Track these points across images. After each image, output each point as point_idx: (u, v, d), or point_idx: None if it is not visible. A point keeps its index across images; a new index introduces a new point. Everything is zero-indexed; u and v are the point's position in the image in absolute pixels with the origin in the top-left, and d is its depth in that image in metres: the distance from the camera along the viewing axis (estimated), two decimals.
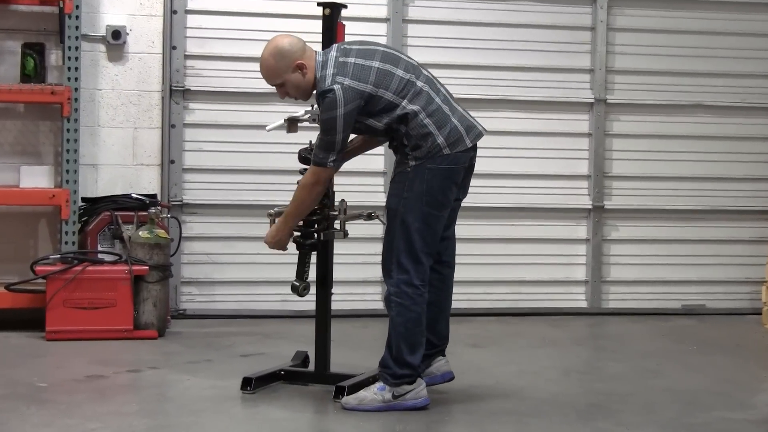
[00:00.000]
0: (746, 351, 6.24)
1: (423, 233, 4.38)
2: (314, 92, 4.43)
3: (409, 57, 4.57)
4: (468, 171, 4.55)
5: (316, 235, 4.68)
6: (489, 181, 7.11)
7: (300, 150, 4.69)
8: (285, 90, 4.46)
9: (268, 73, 4.45)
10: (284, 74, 4.41)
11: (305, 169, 4.55)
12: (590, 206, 7.30)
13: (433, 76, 4.54)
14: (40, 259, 6.15)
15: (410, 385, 4.46)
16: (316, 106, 4.62)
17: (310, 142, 4.66)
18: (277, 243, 4.59)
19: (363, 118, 4.37)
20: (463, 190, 4.59)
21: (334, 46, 4.49)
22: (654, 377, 5.40)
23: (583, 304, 7.33)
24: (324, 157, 4.34)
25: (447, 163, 4.38)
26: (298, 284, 4.65)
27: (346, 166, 5.15)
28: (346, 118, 4.29)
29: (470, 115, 4.54)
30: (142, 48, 6.73)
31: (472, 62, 7.13)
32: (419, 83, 4.41)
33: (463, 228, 7.06)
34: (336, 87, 4.28)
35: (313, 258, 4.76)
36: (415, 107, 4.36)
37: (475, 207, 7.11)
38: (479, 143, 4.55)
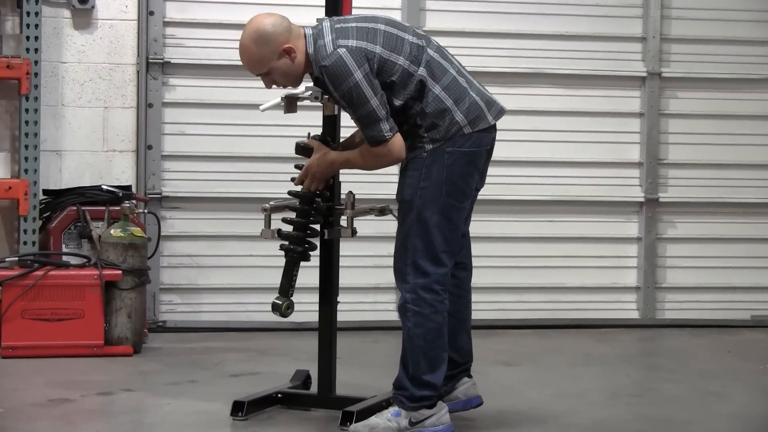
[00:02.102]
0: None
1: (443, 229, 4.39)
2: (308, 74, 4.42)
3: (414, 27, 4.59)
4: (488, 155, 4.55)
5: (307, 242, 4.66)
6: (521, 169, 7.11)
7: (298, 142, 4.67)
8: (271, 79, 4.44)
9: (250, 63, 4.42)
10: (270, 62, 4.37)
11: (300, 165, 4.58)
12: (642, 199, 7.31)
13: (442, 46, 4.54)
14: None
15: (430, 409, 4.46)
16: None
17: (309, 134, 4.67)
18: (315, 175, 4.54)
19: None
20: (482, 178, 4.59)
21: (325, 18, 4.52)
22: (718, 401, 5.39)
23: (634, 315, 7.34)
24: (377, 132, 4.30)
25: (469, 144, 4.38)
26: (280, 302, 4.64)
27: None
28: (367, 80, 4.26)
29: (487, 90, 4.54)
30: (113, 13, 6.75)
31: (499, 29, 7.14)
32: (430, 51, 4.41)
33: (492, 225, 7.20)
34: (340, 50, 4.26)
35: (312, 262, 4.75)
36: (430, 77, 4.36)
37: (507, 200, 7.12)
38: (501, 124, 4.54)
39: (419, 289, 4.40)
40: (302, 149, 4.64)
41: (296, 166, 4.63)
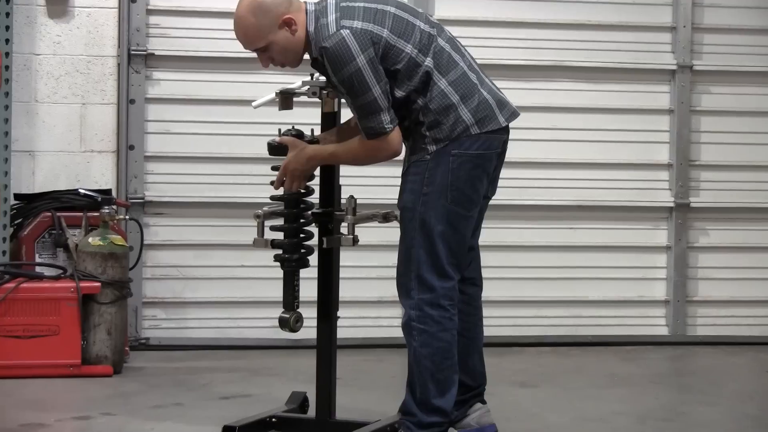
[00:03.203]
0: None
1: (449, 239, 4.38)
2: (307, 56, 4.42)
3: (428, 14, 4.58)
4: (499, 160, 4.54)
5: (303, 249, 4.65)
6: (538, 172, 7.12)
7: (269, 142, 4.66)
8: (269, 55, 4.41)
9: (246, 35, 4.39)
10: (268, 34, 4.35)
11: (277, 167, 4.56)
12: (672, 204, 7.32)
13: (454, 37, 4.53)
14: None
15: None
16: (317, 75, 4.63)
17: (279, 130, 4.66)
18: (293, 174, 4.51)
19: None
20: (493, 185, 4.57)
21: None
22: (756, 426, 5.39)
23: (663, 331, 7.35)
24: (377, 124, 4.29)
25: (476, 147, 4.36)
26: (288, 316, 4.62)
27: None
28: (371, 66, 4.23)
29: (500, 90, 4.53)
30: (92, 1, 6.76)
31: (514, 18, 7.16)
32: (441, 41, 4.40)
33: (506, 233, 7.21)
34: (344, 32, 4.23)
35: (310, 273, 4.75)
36: (437, 69, 4.34)
37: (522, 206, 7.12)
38: (517, 122, 4.52)
39: (425, 305, 4.39)
40: (276, 149, 4.60)
41: (273, 168, 4.61)
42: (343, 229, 4.72)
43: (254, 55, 7.00)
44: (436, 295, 4.39)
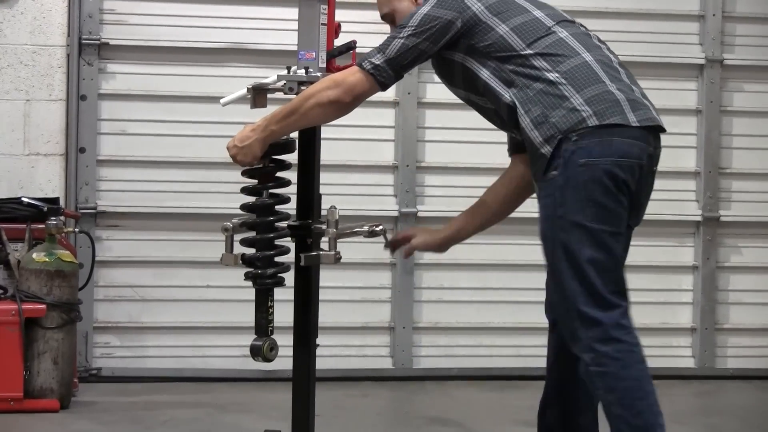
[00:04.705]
0: None
1: (600, 263, 4.25)
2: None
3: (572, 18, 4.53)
4: (644, 180, 4.39)
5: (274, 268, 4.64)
6: None
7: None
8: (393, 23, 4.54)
9: None
10: (393, 0, 4.52)
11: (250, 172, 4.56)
12: (699, 218, 7.35)
13: (600, 40, 4.47)
14: None
15: None
16: (294, 69, 4.62)
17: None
18: (242, 151, 4.50)
19: (458, 52, 4.35)
20: (637, 212, 4.41)
21: None
22: None
23: (689, 363, 7.38)
24: (366, 56, 4.30)
25: (608, 152, 4.23)
26: (260, 343, 4.57)
27: (337, 157, 5.13)
28: (429, 19, 4.28)
29: (650, 103, 4.43)
30: None
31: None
32: (561, 32, 4.36)
33: (509, 250, 7.19)
34: None
35: (286, 295, 4.74)
36: (543, 59, 4.28)
37: (527, 218, 7.10)
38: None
39: (595, 343, 4.25)
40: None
41: (244, 173, 4.61)
42: (324, 244, 4.71)
43: (223, 45, 7.01)
44: (605, 328, 4.26)
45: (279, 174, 4.59)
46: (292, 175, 4.58)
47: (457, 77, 4.43)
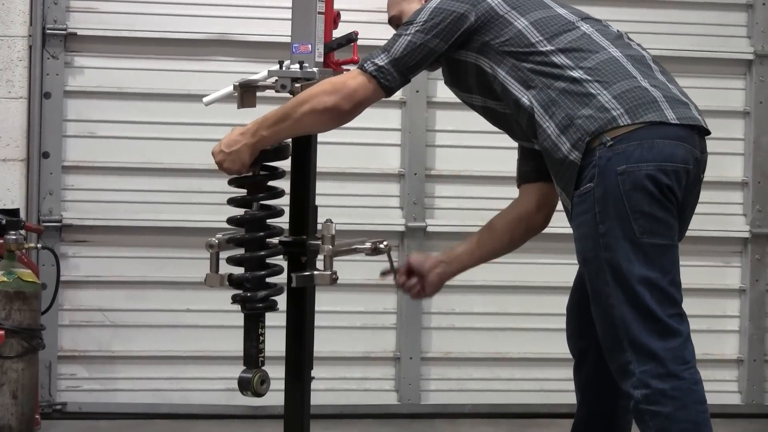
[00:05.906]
0: None
1: (655, 281, 4.22)
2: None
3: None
4: (690, 189, 4.35)
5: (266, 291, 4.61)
6: None
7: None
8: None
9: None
10: (402, 2, 4.61)
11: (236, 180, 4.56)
12: (747, 234, 7.37)
13: (630, 38, 4.47)
14: None
15: None
16: (287, 63, 4.59)
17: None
18: (229, 157, 4.49)
19: (470, 51, 4.35)
20: (680, 226, 4.37)
21: None
22: None
23: (735, 399, 7.39)
24: (369, 57, 4.31)
25: (648, 156, 4.17)
26: (250, 375, 4.56)
27: (336, 164, 5.07)
28: (439, 13, 4.29)
29: (691, 101, 4.39)
30: None
31: None
32: (584, 27, 4.36)
33: (529, 270, 7.18)
34: None
35: (278, 321, 4.70)
36: (565, 56, 4.27)
37: (550, 234, 7.06)
38: None
39: (650, 378, 4.20)
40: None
41: (230, 182, 4.59)
42: (319, 263, 4.68)
43: (207, 36, 7.00)
44: (662, 362, 4.21)
45: (271, 183, 4.58)
46: (285, 185, 4.54)
47: (471, 81, 4.42)
